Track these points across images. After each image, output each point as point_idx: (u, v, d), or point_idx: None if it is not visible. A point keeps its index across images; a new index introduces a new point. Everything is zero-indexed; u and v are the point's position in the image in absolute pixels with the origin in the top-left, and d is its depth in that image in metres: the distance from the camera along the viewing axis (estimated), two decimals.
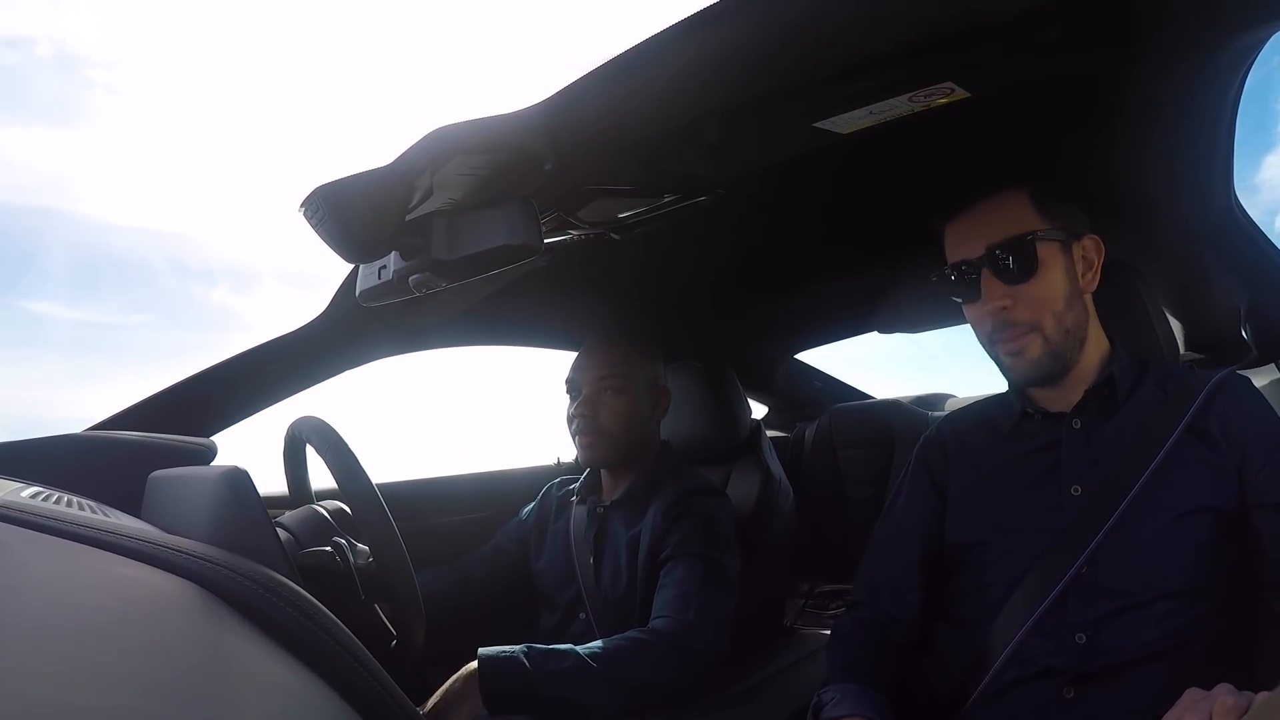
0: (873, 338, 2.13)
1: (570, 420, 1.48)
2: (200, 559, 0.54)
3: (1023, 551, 1.05)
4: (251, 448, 1.37)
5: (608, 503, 1.50)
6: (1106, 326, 1.11)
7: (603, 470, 1.54)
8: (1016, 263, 1.04)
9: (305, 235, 0.86)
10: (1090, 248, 1.08)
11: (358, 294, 1.03)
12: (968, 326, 1.14)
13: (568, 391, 1.50)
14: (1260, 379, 1.20)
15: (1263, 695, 0.66)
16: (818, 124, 0.94)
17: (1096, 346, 1.09)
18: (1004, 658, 1.02)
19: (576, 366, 1.50)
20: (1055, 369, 1.06)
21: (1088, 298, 1.08)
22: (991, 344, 1.09)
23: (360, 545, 0.98)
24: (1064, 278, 1.05)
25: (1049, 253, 1.05)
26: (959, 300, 1.11)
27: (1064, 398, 1.09)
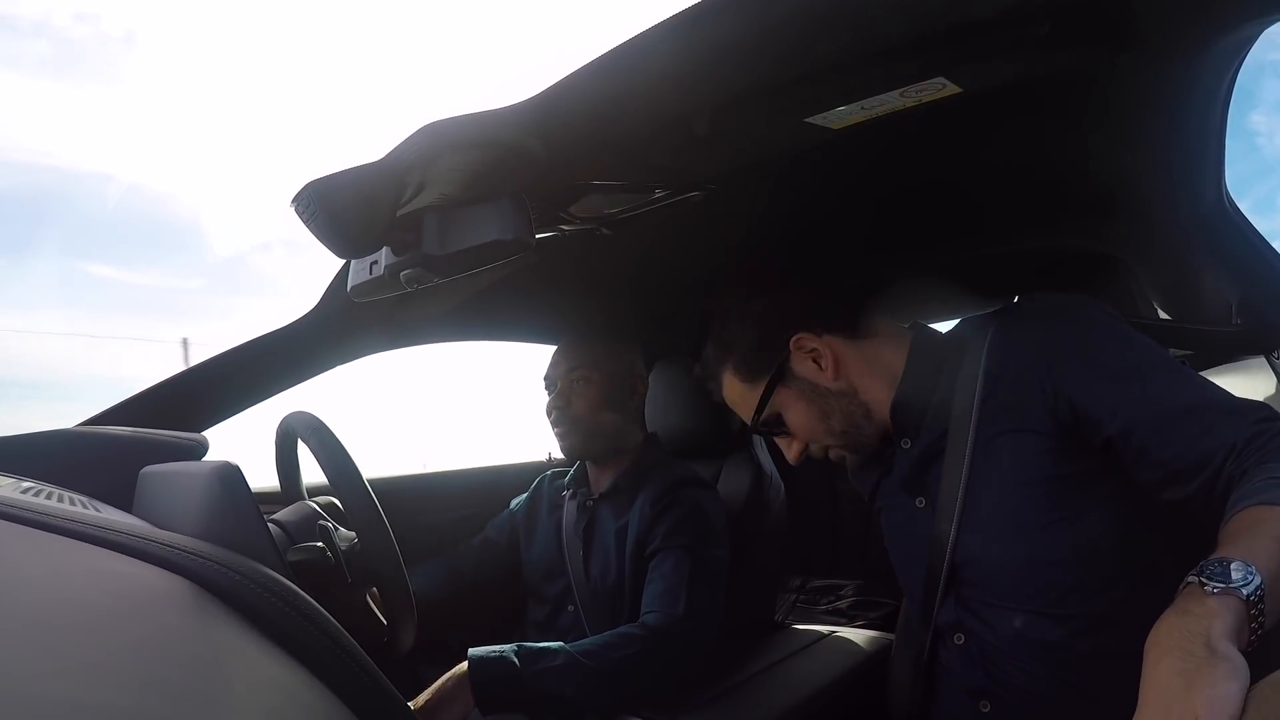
0: None
1: (549, 414, 1.50)
2: (191, 554, 0.54)
3: (905, 569, 1.12)
4: (243, 443, 1.37)
5: (596, 495, 1.51)
6: None
7: (589, 463, 1.55)
8: (772, 432, 1.14)
9: None
10: (801, 354, 1.10)
11: (349, 289, 1.03)
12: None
13: (545, 389, 1.53)
14: (1251, 372, 1.20)
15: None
16: (808, 119, 0.94)
17: (883, 388, 1.09)
18: (924, 669, 1.08)
19: (550, 363, 1.53)
20: (867, 446, 1.11)
21: (844, 371, 1.09)
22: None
23: (346, 531, 0.98)
24: (806, 405, 1.09)
25: (782, 401, 1.10)
26: None
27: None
